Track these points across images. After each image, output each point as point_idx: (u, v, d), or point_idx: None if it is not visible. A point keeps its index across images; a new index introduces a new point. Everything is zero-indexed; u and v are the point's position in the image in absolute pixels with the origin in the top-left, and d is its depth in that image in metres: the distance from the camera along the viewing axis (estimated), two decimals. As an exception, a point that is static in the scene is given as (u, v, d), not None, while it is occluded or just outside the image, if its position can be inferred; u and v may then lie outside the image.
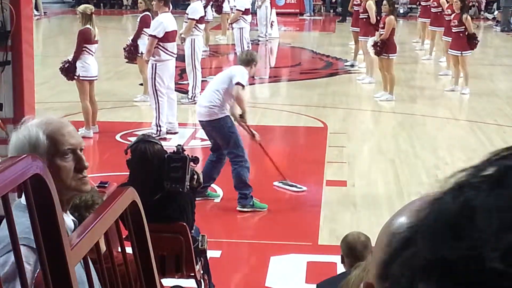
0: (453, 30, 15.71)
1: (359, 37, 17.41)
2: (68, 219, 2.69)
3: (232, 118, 9.01)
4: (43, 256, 2.02)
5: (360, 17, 17.12)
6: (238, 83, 8.91)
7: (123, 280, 2.64)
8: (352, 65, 19.02)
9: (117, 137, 11.67)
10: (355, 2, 18.47)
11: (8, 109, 6.44)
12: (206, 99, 9.04)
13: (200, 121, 9.21)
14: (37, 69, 15.24)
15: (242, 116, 9.05)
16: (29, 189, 1.97)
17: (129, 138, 11.26)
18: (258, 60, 9.64)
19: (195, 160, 6.04)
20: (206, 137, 11.84)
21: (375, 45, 14.78)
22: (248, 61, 9.17)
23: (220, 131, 8.92)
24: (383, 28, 14.85)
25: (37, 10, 31.67)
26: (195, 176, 5.98)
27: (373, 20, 16.40)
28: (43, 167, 2.08)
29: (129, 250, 2.82)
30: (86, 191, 2.90)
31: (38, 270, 2.18)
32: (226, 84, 8.97)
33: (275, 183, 9.54)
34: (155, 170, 5.73)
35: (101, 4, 34.70)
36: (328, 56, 20.93)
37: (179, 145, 6.14)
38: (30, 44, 6.60)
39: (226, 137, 8.87)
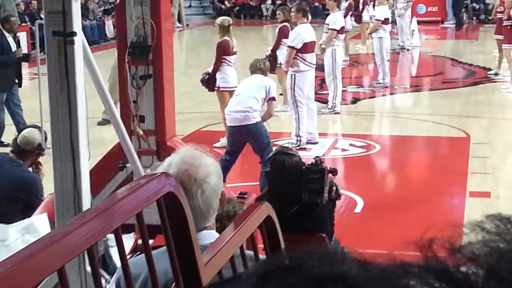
0: None
1: (503, 45, 16.94)
2: None
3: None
4: (177, 274, 2.02)
5: (504, 24, 16.66)
6: (273, 99, 9.79)
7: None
8: (496, 74, 18.52)
9: (257, 148, 11.72)
10: (498, 10, 17.99)
11: (150, 121, 6.57)
12: (242, 105, 9.56)
13: (233, 126, 9.60)
14: (179, 79, 15.60)
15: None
16: (162, 207, 1.99)
17: (268, 149, 11.32)
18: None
19: (334, 171, 5.99)
20: (347, 148, 11.86)
21: (518, 53, 14.35)
22: (265, 70, 9.93)
23: (255, 135, 9.45)
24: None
25: (179, 22, 32.43)
26: (334, 188, 5.93)
27: (518, 27, 15.94)
28: (176, 185, 2.09)
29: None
30: None
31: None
32: (262, 94, 9.68)
33: None
34: (293, 181, 5.71)
35: (242, 15, 35.18)
36: (471, 64, 20.47)
37: (317, 156, 6.11)
38: (170, 57, 6.72)
39: (261, 141, 9.36)
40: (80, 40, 5.14)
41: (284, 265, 0.67)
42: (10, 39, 12.27)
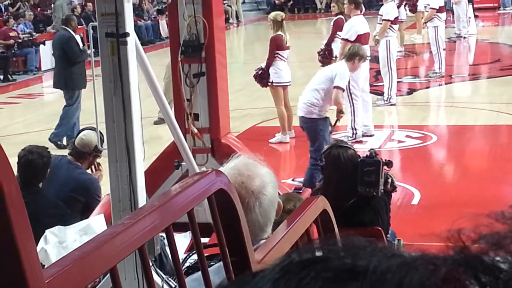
0: None
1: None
2: None
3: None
4: (229, 270, 2.04)
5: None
6: (337, 87, 9.38)
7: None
8: (554, 59, 18.23)
9: (313, 141, 11.70)
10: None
11: (204, 119, 6.61)
12: (305, 97, 9.45)
13: (299, 116, 9.59)
14: (236, 75, 15.68)
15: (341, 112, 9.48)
16: (214, 203, 2.00)
17: (324, 142, 11.31)
18: (364, 54, 9.79)
19: (389, 163, 5.96)
20: (403, 139, 11.80)
21: None
22: (350, 55, 9.30)
23: (310, 130, 9.31)
24: None
25: (237, 18, 32.57)
26: (389, 180, 5.91)
27: None
28: (227, 183, 2.10)
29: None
30: None
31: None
32: (326, 84, 9.43)
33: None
34: (348, 175, 5.70)
35: (295, 9, 35.14)
36: (528, 50, 20.18)
37: (372, 149, 6.08)
38: (223, 54, 6.75)
39: (314, 138, 9.20)
40: (133, 41, 5.19)
41: (309, 258, 0.68)
42: (78, 38, 12.56)
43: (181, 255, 5.78)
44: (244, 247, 2.12)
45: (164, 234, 2.14)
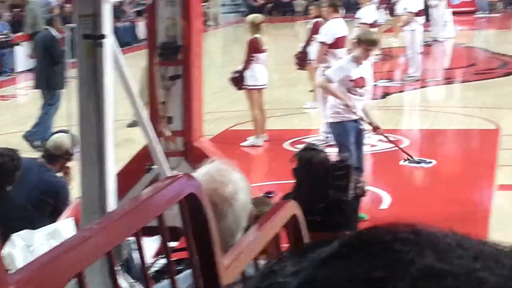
0: None
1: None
2: None
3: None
4: (197, 274, 2.08)
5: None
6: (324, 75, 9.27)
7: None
8: (530, 64, 18.39)
9: (285, 145, 11.75)
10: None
11: (178, 122, 6.61)
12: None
13: None
14: (214, 78, 15.67)
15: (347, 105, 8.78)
16: (184, 208, 2.04)
17: (297, 146, 11.35)
18: (372, 42, 8.86)
19: (359, 168, 6.03)
20: (375, 143, 11.85)
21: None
22: (357, 41, 8.93)
23: (332, 133, 9.18)
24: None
25: (215, 20, 32.59)
26: (359, 185, 5.97)
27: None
28: (198, 187, 2.14)
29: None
30: None
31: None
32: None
33: (401, 162, 9.37)
34: (320, 178, 5.76)
35: (274, 12, 35.19)
36: (504, 55, 20.31)
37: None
38: (199, 57, 6.76)
39: (336, 141, 8.92)
40: (110, 43, 5.20)
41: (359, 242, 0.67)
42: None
43: (150, 260, 5.81)
44: (213, 252, 2.16)
45: (132, 238, 2.17)
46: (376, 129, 9.08)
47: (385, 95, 15.98)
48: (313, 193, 5.64)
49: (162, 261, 5.49)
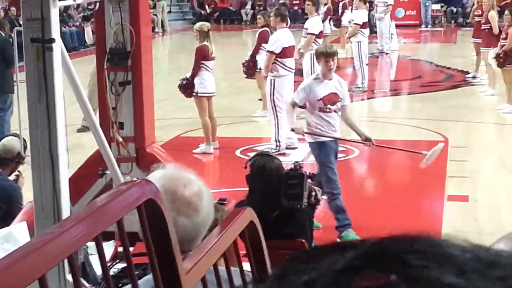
0: None
1: (481, 48, 17.03)
2: None
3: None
4: (158, 280, 2.03)
5: (482, 28, 16.74)
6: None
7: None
8: (474, 77, 18.64)
9: (237, 153, 11.75)
10: (476, 13, 18.10)
11: (129, 128, 6.56)
12: None
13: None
14: (161, 85, 15.60)
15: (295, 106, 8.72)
16: (143, 214, 1.98)
17: (248, 154, 11.33)
18: (330, 53, 8.36)
19: (313, 177, 6.01)
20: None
21: (497, 56, 14.44)
22: (316, 56, 8.73)
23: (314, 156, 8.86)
24: (505, 39, 14.49)
25: (163, 27, 32.45)
26: (313, 193, 5.95)
27: (495, 30, 16.00)
28: (156, 192, 2.09)
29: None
30: None
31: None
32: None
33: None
34: (273, 185, 5.73)
35: (221, 20, 35.20)
36: (449, 68, 20.58)
37: (296, 162, 6.13)
38: (149, 63, 6.73)
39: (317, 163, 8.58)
40: (58, 47, 5.13)
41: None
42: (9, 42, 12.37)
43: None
44: (173, 258, 2.10)
45: (88, 244, 2.11)
46: (367, 140, 8.77)
47: (333, 105, 16.05)
48: (266, 200, 5.61)
49: (118, 266, 5.43)
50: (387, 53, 23.04)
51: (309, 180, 5.89)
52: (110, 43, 6.42)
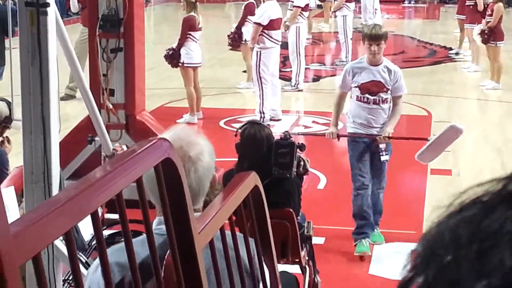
0: None
1: (465, 24, 17.09)
2: None
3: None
4: (173, 238, 2.05)
5: (467, 4, 16.78)
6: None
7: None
8: (457, 53, 18.71)
9: (221, 123, 11.78)
10: (460, -11, 18.14)
11: (120, 95, 6.56)
12: None
13: None
14: (145, 55, 15.53)
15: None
16: (160, 173, 2.00)
17: (232, 125, 11.36)
18: (374, 36, 7.38)
19: (302, 147, 6.02)
20: (310, 125, 11.92)
21: (482, 33, 14.49)
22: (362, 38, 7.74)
23: None
24: (490, 15, 14.54)
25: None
26: (302, 163, 5.97)
27: (480, 7, 16.04)
28: (173, 152, 2.11)
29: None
30: None
31: (167, 253, 2.21)
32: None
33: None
34: (263, 154, 5.73)
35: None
36: (432, 44, 20.63)
37: (286, 131, 6.14)
38: (141, 31, 6.72)
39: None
40: (53, 11, 5.10)
41: None
42: None
43: (91, 231, 5.74)
44: (187, 217, 2.13)
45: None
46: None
47: (318, 78, 16.10)
48: (256, 169, 5.58)
49: (104, 233, 5.44)
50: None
51: (298, 150, 5.91)
52: (103, 9, 6.40)
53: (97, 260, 2.80)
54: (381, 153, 7.27)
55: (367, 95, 7.24)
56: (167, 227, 2.04)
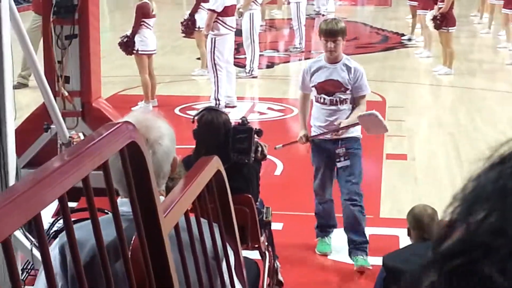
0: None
1: (418, 10, 17.22)
2: None
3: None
4: (139, 222, 2.04)
5: (419, -10, 16.92)
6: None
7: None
8: (409, 39, 18.86)
9: (176, 111, 11.75)
10: (412, -24, 18.26)
11: (75, 82, 6.50)
12: None
13: None
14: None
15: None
16: (126, 157, 1.99)
17: (188, 112, 11.34)
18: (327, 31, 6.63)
19: (259, 132, 6.02)
20: (265, 111, 11.93)
21: (434, 18, 14.62)
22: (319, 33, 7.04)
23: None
24: (442, 1, 14.66)
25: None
26: (259, 148, 5.97)
27: (432, -7, 16.17)
28: (138, 135, 2.09)
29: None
30: None
31: (133, 237, 2.20)
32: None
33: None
34: (221, 140, 5.72)
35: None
36: (384, 30, 20.76)
37: (243, 117, 6.14)
38: (96, 17, 6.65)
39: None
40: (6, 0, 5.04)
41: None
42: None
43: (49, 220, 5.69)
44: (153, 201, 2.12)
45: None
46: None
47: (272, 64, 16.12)
48: (213, 154, 5.59)
49: (61, 221, 5.40)
50: (323, 15, 23.09)
51: (256, 136, 5.90)
52: (56, -5, 6.33)
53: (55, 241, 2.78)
54: (337, 160, 6.84)
55: (323, 95, 6.73)
56: (133, 210, 2.03)
